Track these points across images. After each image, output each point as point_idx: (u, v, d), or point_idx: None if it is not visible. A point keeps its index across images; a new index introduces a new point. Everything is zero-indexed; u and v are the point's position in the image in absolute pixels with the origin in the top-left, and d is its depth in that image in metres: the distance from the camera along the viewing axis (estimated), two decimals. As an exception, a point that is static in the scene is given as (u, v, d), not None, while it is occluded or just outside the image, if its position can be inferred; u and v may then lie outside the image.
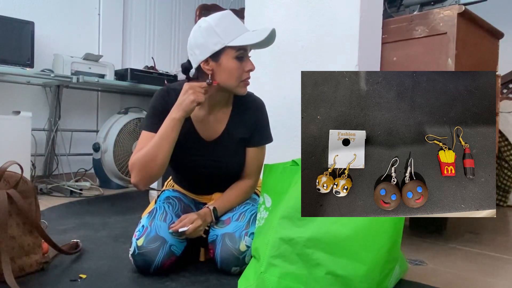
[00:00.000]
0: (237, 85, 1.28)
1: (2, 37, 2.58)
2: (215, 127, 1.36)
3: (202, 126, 1.36)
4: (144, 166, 1.23)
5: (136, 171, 1.24)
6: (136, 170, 1.24)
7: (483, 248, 1.67)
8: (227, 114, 1.38)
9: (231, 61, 1.24)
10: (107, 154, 3.01)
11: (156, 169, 1.23)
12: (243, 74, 1.27)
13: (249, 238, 1.25)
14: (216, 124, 1.37)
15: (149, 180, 1.25)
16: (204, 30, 1.24)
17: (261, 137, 1.41)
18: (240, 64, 1.26)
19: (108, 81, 2.97)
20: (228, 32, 1.23)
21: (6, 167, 1.18)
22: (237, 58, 1.25)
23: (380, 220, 1.02)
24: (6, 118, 2.38)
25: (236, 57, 1.24)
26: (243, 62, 1.26)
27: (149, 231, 1.24)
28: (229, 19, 1.27)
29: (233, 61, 1.24)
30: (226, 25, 1.24)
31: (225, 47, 1.23)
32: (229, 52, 1.24)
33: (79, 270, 1.25)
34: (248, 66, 1.28)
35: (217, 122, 1.37)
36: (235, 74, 1.26)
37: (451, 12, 1.59)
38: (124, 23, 3.59)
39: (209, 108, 1.35)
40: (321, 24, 1.70)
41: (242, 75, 1.27)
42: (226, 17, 1.27)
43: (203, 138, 1.36)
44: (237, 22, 1.28)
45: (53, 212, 2.17)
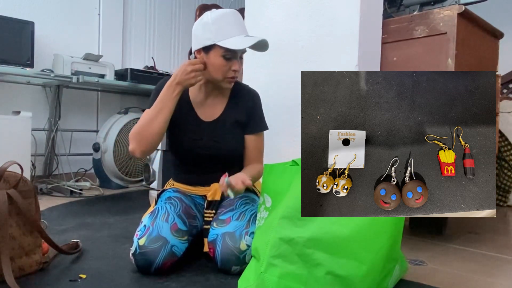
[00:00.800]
0: (222, 80, 1.37)
1: (2, 37, 2.58)
2: (213, 110, 1.45)
3: (202, 109, 1.45)
4: (140, 132, 1.32)
5: (132, 138, 1.33)
6: (132, 138, 1.33)
7: (483, 248, 1.67)
8: (225, 99, 1.47)
9: (218, 58, 1.33)
10: (107, 154, 3.01)
11: (150, 136, 1.31)
12: (228, 72, 1.36)
13: (249, 238, 1.25)
14: (214, 107, 1.46)
15: (144, 147, 1.32)
16: (203, 24, 1.34)
17: (258, 124, 1.49)
18: (226, 63, 1.34)
19: (108, 81, 2.97)
20: (221, 32, 1.31)
21: (6, 167, 1.18)
22: (224, 57, 1.33)
23: (380, 220, 1.02)
24: (6, 118, 2.38)
25: (223, 56, 1.33)
26: (230, 62, 1.34)
27: (151, 231, 1.24)
28: (227, 19, 1.33)
29: (220, 59, 1.33)
30: (222, 24, 1.32)
31: (214, 44, 1.32)
32: (218, 50, 1.32)
33: (79, 270, 1.25)
34: (234, 66, 1.35)
35: (215, 105, 1.46)
36: (220, 70, 1.35)
37: (451, 12, 1.59)
38: (124, 23, 3.59)
39: (207, 92, 1.45)
40: (321, 24, 1.70)
41: (228, 73, 1.36)
42: (226, 16, 1.34)
43: (202, 119, 1.44)
44: (236, 23, 1.35)
45: (53, 212, 2.17)
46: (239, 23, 1.35)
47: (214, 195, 1.43)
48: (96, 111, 3.40)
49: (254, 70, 1.91)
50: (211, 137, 1.42)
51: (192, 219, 1.38)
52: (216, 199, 1.43)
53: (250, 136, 1.47)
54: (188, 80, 1.32)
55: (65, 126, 3.10)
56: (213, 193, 1.43)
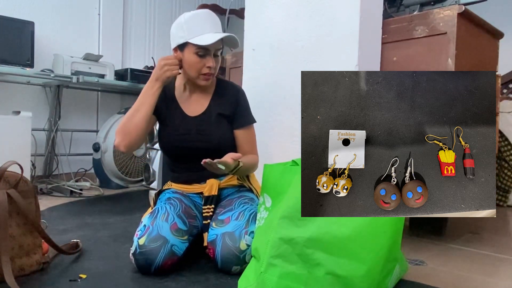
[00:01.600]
0: (197, 77, 1.42)
1: (2, 37, 2.58)
2: (198, 105, 1.49)
3: (187, 105, 1.49)
4: (122, 128, 1.38)
5: (117, 133, 1.39)
6: (117, 132, 1.39)
7: (483, 248, 1.67)
8: (209, 95, 1.51)
9: (192, 55, 1.39)
10: (107, 154, 3.01)
11: (133, 131, 1.36)
12: (203, 68, 1.40)
13: (249, 237, 1.25)
14: (199, 102, 1.50)
15: (127, 141, 1.37)
16: (177, 23, 1.41)
17: (245, 118, 1.51)
18: (200, 60, 1.39)
19: (108, 81, 2.97)
20: (193, 30, 1.37)
21: (6, 167, 1.18)
22: (197, 54, 1.38)
23: (380, 220, 1.02)
24: (6, 118, 2.38)
25: (196, 53, 1.38)
26: (204, 58, 1.39)
27: (151, 231, 1.25)
28: (200, 18, 1.40)
29: (193, 56, 1.39)
30: (194, 23, 1.38)
31: (187, 42, 1.38)
32: (190, 47, 1.38)
33: (79, 270, 1.25)
34: (208, 63, 1.39)
35: (199, 101, 1.50)
36: (194, 67, 1.40)
37: (451, 12, 1.59)
38: (124, 23, 3.59)
39: (191, 90, 1.50)
40: (321, 24, 1.70)
41: (202, 69, 1.40)
42: (199, 16, 1.40)
43: (188, 114, 1.48)
44: (208, 22, 1.41)
45: (53, 212, 2.17)
46: (211, 21, 1.41)
47: (210, 190, 1.44)
48: (96, 111, 3.40)
49: (254, 70, 1.91)
50: (198, 131, 1.45)
51: (192, 219, 1.38)
52: (213, 194, 1.43)
53: (239, 131, 1.49)
54: (163, 74, 1.37)
55: (65, 126, 3.10)
56: (210, 188, 1.44)
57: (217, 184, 1.45)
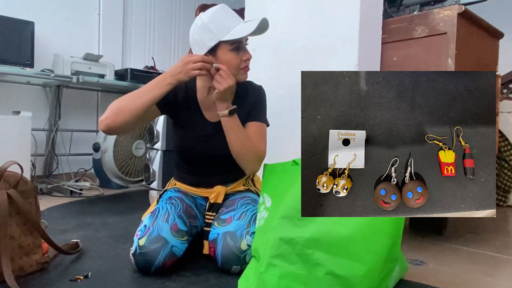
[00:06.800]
0: (237, 73, 1.35)
1: (2, 37, 2.58)
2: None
3: (209, 110, 1.43)
4: (118, 105, 1.27)
5: (110, 110, 1.27)
6: (111, 109, 1.27)
7: (483, 248, 1.67)
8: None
9: (228, 53, 1.32)
10: (107, 154, 3.01)
11: (126, 116, 1.25)
12: (241, 63, 1.35)
13: (250, 237, 1.25)
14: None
15: (114, 124, 1.26)
16: (199, 28, 1.32)
17: (260, 114, 1.44)
18: (237, 55, 1.33)
19: (108, 81, 2.97)
20: (221, 27, 1.30)
21: (6, 167, 1.18)
22: (233, 50, 1.32)
23: (380, 220, 1.02)
24: (6, 118, 2.38)
25: (231, 50, 1.32)
26: (239, 53, 1.34)
27: (151, 231, 1.24)
28: (221, 14, 1.33)
29: (229, 53, 1.32)
30: (219, 21, 1.31)
31: (219, 42, 1.30)
32: (224, 46, 1.31)
33: (79, 270, 1.25)
34: (245, 56, 1.35)
35: None
36: (233, 64, 1.33)
37: (451, 12, 1.59)
38: (124, 23, 3.59)
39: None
40: (321, 24, 1.70)
41: (240, 64, 1.35)
42: (219, 12, 1.33)
43: (209, 120, 1.43)
44: (230, 16, 1.34)
45: (53, 212, 2.17)
46: (232, 14, 1.35)
47: (216, 198, 1.42)
48: (96, 111, 3.40)
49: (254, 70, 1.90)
50: (217, 138, 1.39)
51: (193, 219, 1.38)
52: (218, 202, 1.42)
53: (250, 123, 1.41)
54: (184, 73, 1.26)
55: (65, 126, 3.10)
56: (216, 196, 1.42)
57: (224, 192, 1.43)
